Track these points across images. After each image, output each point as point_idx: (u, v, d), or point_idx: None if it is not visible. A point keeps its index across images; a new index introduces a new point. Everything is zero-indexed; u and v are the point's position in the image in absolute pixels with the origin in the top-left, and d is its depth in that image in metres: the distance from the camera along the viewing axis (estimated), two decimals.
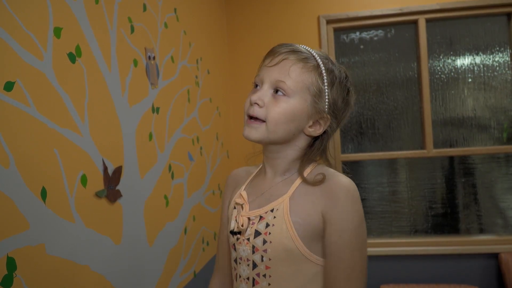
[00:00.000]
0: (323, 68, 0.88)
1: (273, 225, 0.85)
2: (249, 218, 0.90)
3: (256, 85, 0.91)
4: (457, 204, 2.90)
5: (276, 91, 0.86)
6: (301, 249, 0.83)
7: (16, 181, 0.89)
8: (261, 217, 0.88)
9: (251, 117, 0.88)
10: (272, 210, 0.87)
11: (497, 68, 2.81)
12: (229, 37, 2.99)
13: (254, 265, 0.87)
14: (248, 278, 0.89)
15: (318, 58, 0.89)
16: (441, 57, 2.86)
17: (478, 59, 2.83)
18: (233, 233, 0.92)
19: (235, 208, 0.96)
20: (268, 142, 0.89)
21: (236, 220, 0.93)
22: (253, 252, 0.87)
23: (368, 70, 2.94)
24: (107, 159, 1.26)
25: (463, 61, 2.85)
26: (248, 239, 0.88)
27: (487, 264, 2.71)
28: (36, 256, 0.94)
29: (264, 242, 0.86)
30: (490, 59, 2.82)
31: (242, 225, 0.89)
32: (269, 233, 0.85)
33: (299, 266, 0.84)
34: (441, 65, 2.86)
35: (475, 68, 2.83)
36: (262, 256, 0.86)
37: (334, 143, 2.89)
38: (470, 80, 2.84)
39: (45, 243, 0.97)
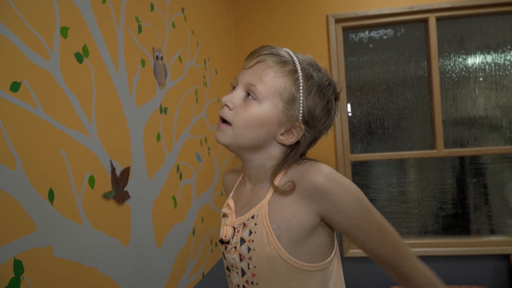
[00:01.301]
0: (300, 73, 0.82)
1: (255, 232, 0.83)
2: (234, 227, 0.88)
3: (234, 87, 0.88)
4: (468, 204, 2.86)
5: (248, 94, 0.83)
6: (283, 256, 0.80)
7: (23, 183, 0.89)
8: (244, 224, 0.86)
9: (223, 120, 0.85)
10: (253, 217, 0.85)
11: (509, 67, 2.76)
12: (236, 37, 2.97)
13: (243, 273, 0.86)
14: (238, 286, 0.88)
15: (297, 62, 0.84)
16: (451, 56, 2.82)
17: (489, 58, 2.79)
18: (221, 242, 0.91)
19: (224, 216, 0.94)
20: (237, 147, 0.85)
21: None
22: (241, 260, 0.86)
23: (377, 70, 2.91)
24: (114, 160, 1.25)
25: (474, 60, 2.81)
26: (235, 247, 0.87)
27: (498, 265, 2.67)
28: (44, 259, 0.93)
29: (249, 249, 0.84)
30: (501, 57, 2.77)
31: (225, 236, 0.88)
32: (252, 241, 0.83)
33: (285, 274, 0.82)
34: (451, 64, 2.82)
35: (486, 67, 2.79)
36: (248, 264, 0.85)
37: (343, 143, 2.86)
38: (481, 79, 2.80)
39: (52, 245, 0.96)
